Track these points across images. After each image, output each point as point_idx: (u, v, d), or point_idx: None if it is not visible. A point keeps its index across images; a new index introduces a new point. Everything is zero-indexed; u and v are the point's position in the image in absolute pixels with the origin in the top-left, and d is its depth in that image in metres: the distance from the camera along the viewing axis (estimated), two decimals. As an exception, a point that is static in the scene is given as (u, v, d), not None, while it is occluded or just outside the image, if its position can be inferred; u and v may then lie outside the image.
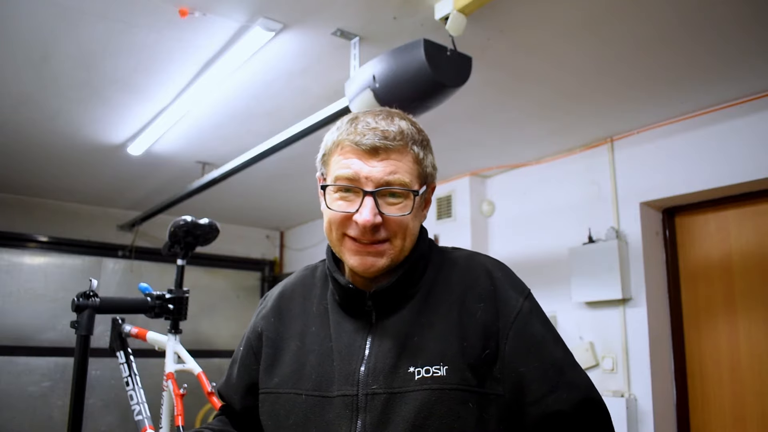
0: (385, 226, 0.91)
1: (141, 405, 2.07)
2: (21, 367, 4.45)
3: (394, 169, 0.91)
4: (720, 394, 2.91)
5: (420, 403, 0.86)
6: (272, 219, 5.60)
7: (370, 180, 0.90)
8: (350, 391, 0.90)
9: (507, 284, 0.96)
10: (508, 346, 0.90)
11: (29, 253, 4.68)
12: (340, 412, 0.90)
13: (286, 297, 1.08)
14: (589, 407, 0.90)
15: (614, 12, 2.08)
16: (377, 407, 0.88)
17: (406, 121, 0.96)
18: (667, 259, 3.19)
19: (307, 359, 0.97)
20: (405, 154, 0.93)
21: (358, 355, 0.93)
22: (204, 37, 2.31)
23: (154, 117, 3.09)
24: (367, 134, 0.91)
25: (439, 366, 0.88)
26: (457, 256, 1.03)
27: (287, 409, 0.95)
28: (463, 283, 0.96)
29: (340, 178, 0.92)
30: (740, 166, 2.74)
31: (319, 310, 1.01)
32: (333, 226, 0.94)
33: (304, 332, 1.00)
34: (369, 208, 0.89)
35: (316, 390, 0.93)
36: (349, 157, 0.92)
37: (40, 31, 2.27)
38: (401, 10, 2.11)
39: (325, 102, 2.66)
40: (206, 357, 5.18)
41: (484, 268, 0.99)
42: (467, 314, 0.93)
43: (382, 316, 0.95)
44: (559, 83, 2.66)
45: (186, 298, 2.21)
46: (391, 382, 0.89)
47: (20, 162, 3.86)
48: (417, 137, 0.95)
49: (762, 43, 2.27)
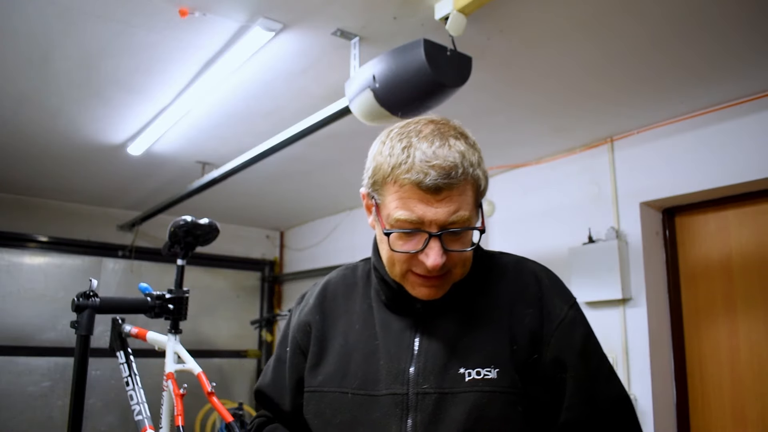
0: (448, 261, 0.90)
1: (141, 405, 2.07)
2: (21, 367, 4.45)
3: (457, 207, 0.87)
4: (720, 394, 2.91)
5: (471, 404, 0.87)
6: (272, 219, 5.60)
7: (435, 223, 0.87)
8: (400, 390, 0.90)
9: (554, 291, 0.98)
10: (549, 352, 0.92)
11: (29, 253, 4.68)
12: (388, 411, 0.90)
13: (328, 295, 1.07)
14: (621, 417, 0.93)
15: (614, 12, 2.08)
16: (428, 407, 0.88)
17: (462, 140, 0.90)
18: (667, 259, 3.19)
19: (351, 357, 0.97)
20: (466, 185, 0.89)
21: (406, 354, 0.93)
22: (204, 37, 2.31)
23: (154, 117, 3.09)
24: (429, 173, 0.85)
25: (489, 368, 0.90)
26: (506, 261, 1.04)
27: (333, 407, 0.95)
28: (512, 288, 0.98)
29: (402, 222, 0.88)
30: (740, 166, 2.74)
31: (363, 309, 1.02)
32: (397, 264, 0.92)
33: (348, 330, 1.00)
34: (436, 251, 0.87)
35: (362, 388, 0.93)
36: (410, 198, 0.87)
37: (40, 31, 2.27)
38: (401, 10, 2.11)
39: (325, 102, 2.66)
40: (206, 357, 5.19)
41: (533, 274, 1.00)
42: (516, 319, 0.94)
43: (430, 317, 0.96)
44: (559, 83, 2.66)
45: (186, 298, 2.21)
46: (441, 382, 0.89)
47: (20, 162, 3.86)
48: (474, 158, 0.90)
49: (762, 43, 2.26)
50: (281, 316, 5.02)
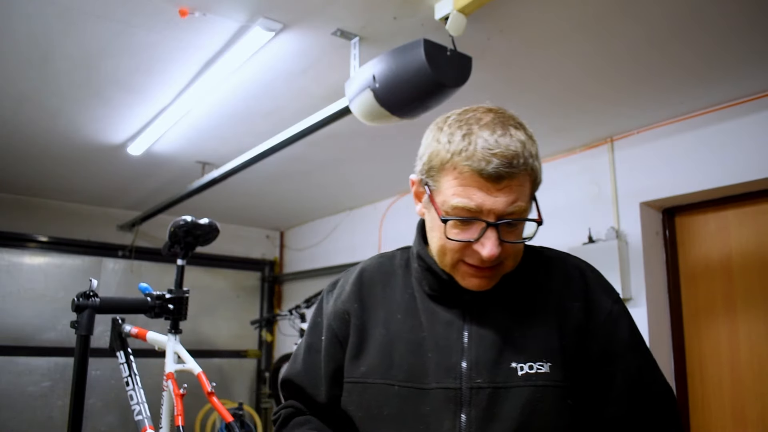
0: (503, 250, 0.89)
1: (141, 405, 2.07)
2: (21, 367, 4.45)
3: (516, 197, 0.86)
4: (720, 395, 2.91)
5: (525, 399, 0.87)
6: (272, 219, 5.61)
7: (493, 212, 0.85)
8: (453, 384, 0.89)
9: (599, 286, 0.99)
10: (596, 346, 0.93)
11: (29, 253, 4.68)
12: (440, 405, 0.89)
13: (365, 284, 1.04)
14: (666, 410, 0.94)
15: (614, 12, 2.08)
16: (482, 401, 0.88)
17: (522, 130, 0.89)
18: (667, 259, 3.19)
19: (394, 348, 0.95)
20: (525, 176, 0.88)
21: (457, 348, 0.91)
22: (204, 37, 2.31)
23: (154, 117, 3.09)
24: (491, 161, 0.83)
25: (542, 362, 0.90)
26: (552, 256, 1.04)
27: (379, 400, 0.93)
28: (559, 283, 0.98)
29: (460, 210, 0.86)
30: (740, 166, 2.74)
31: (403, 299, 0.99)
32: (449, 253, 0.91)
33: (389, 320, 0.98)
34: (493, 241, 0.86)
35: (408, 381, 0.91)
36: (469, 185, 0.85)
37: (40, 31, 2.27)
38: (401, 10, 2.11)
39: (325, 102, 2.66)
40: (206, 357, 5.19)
41: (578, 268, 1.01)
42: (564, 313, 0.94)
43: (478, 310, 0.95)
44: (559, 83, 2.66)
45: (186, 298, 2.21)
46: (494, 377, 0.89)
47: (20, 162, 3.86)
48: (533, 149, 0.89)
49: (761, 43, 2.26)
50: (281, 316, 5.02)
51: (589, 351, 0.93)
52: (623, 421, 0.92)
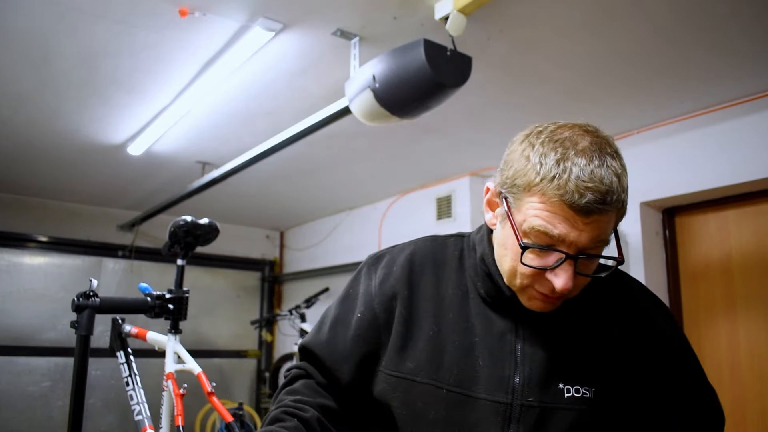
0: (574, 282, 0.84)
1: (141, 405, 2.07)
2: (21, 367, 4.45)
3: (599, 233, 0.81)
4: (720, 394, 2.89)
5: (569, 423, 0.86)
6: (272, 219, 5.61)
7: (575, 245, 0.80)
8: (504, 398, 0.87)
9: (658, 312, 0.97)
10: (662, 374, 0.94)
11: (29, 253, 4.68)
12: (488, 417, 0.87)
13: (416, 269, 0.97)
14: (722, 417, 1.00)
15: (614, 12, 2.08)
16: (531, 420, 0.86)
17: (617, 160, 0.82)
18: (667, 259, 3.19)
19: (444, 348, 0.91)
20: (615, 211, 0.82)
21: (509, 361, 0.89)
22: (204, 37, 2.31)
23: (154, 117, 3.09)
24: (585, 195, 0.77)
25: (588, 387, 0.88)
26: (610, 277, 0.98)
27: (426, 401, 0.90)
28: (615, 305, 0.95)
29: (541, 235, 0.81)
30: (740, 166, 2.74)
31: (456, 296, 0.94)
32: (519, 277, 0.86)
33: (440, 316, 0.93)
34: (569, 274, 0.81)
35: (458, 386, 0.89)
36: (556, 213, 0.79)
37: (40, 31, 2.27)
38: (401, 10, 2.11)
39: (325, 102, 2.66)
40: (206, 357, 5.19)
41: (637, 293, 0.99)
42: (618, 338, 0.92)
43: (531, 323, 0.91)
44: (559, 83, 2.66)
45: (186, 298, 2.21)
46: (544, 396, 0.87)
47: (20, 162, 3.86)
48: (625, 182, 0.83)
49: (762, 43, 2.27)
50: (281, 316, 5.02)
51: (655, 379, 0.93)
52: None
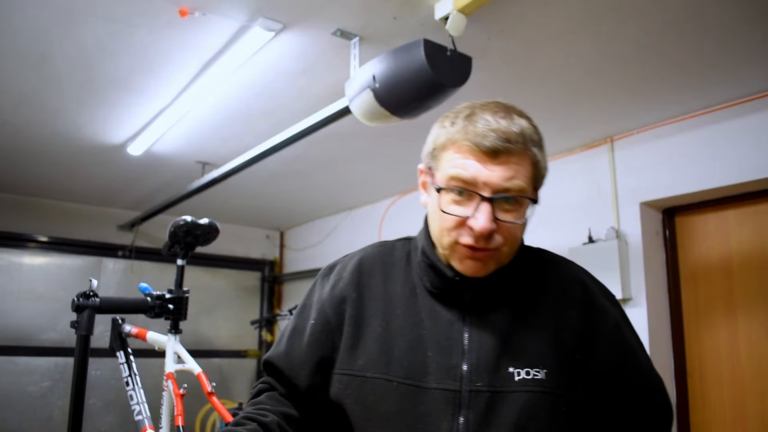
0: (498, 232, 0.88)
1: (141, 405, 2.07)
2: (21, 367, 4.45)
3: (513, 174, 0.87)
4: (720, 394, 2.91)
5: (522, 404, 0.87)
6: (272, 219, 5.60)
7: (488, 185, 0.86)
8: (452, 385, 0.89)
9: (599, 293, 1.00)
10: (603, 354, 0.94)
11: (29, 253, 4.68)
12: (438, 406, 0.88)
13: (364, 272, 1.02)
14: (667, 414, 0.98)
15: (614, 12, 2.08)
16: (481, 405, 0.88)
17: (525, 119, 0.92)
18: (667, 259, 3.19)
19: (394, 343, 0.93)
20: (524, 156, 0.89)
21: (457, 349, 0.91)
22: (204, 37, 2.31)
23: (154, 117, 3.09)
24: (489, 135, 0.86)
25: (539, 369, 0.90)
26: (550, 259, 1.03)
27: (377, 395, 0.91)
28: (558, 288, 0.98)
29: (456, 179, 0.88)
30: (740, 166, 2.74)
31: (404, 293, 0.98)
32: (445, 231, 0.91)
33: (389, 313, 0.96)
34: (486, 214, 0.86)
35: (408, 378, 0.90)
36: (467, 157, 0.88)
37: (40, 31, 2.27)
38: (401, 10, 2.11)
39: (325, 102, 2.66)
40: (206, 357, 5.19)
41: (577, 274, 1.02)
42: (562, 319, 0.94)
43: (478, 311, 0.94)
44: (559, 83, 2.66)
45: (186, 298, 2.21)
46: (493, 381, 0.89)
47: (20, 162, 3.86)
48: (535, 137, 0.92)
49: (761, 43, 2.26)
50: (281, 316, 5.02)
51: (594, 358, 0.93)
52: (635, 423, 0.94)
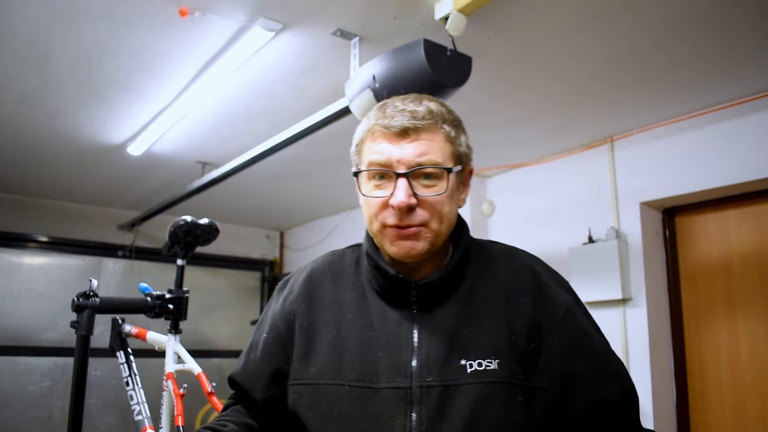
0: (421, 207, 0.90)
1: (141, 405, 2.08)
2: (21, 367, 4.45)
3: (425, 150, 0.90)
4: (720, 394, 2.91)
5: (474, 396, 0.87)
6: (272, 219, 5.60)
7: (402, 162, 0.89)
8: (403, 383, 0.89)
9: (550, 279, 0.99)
10: (557, 340, 0.93)
11: (29, 253, 4.68)
12: (390, 405, 0.88)
13: (314, 283, 1.03)
14: (629, 396, 0.95)
15: (614, 12, 2.08)
16: (432, 400, 0.87)
17: (435, 103, 0.95)
18: (667, 259, 3.19)
19: (345, 348, 0.94)
20: (435, 132, 0.91)
21: (407, 347, 0.91)
22: (204, 37, 2.31)
23: (154, 117, 3.09)
24: (396, 116, 0.90)
25: (491, 359, 0.89)
26: (498, 250, 1.04)
27: (330, 401, 0.91)
28: (507, 278, 0.97)
29: (373, 164, 0.91)
30: (740, 166, 2.74)
31: (354, 298, 0.99)
32: (372, 216, 0.93)
33: (340, 320, 0.97)
34: (402, 189, 0.88)
35: (359, 381, 0.91)
36: (380, 142, 0.92)
37: (40, 31, 2.27)
38: (401, 10, 2.11)
39: (325, 102, 2.66)
40: (206, 357, 5.18)
41: (527, 262, 1.01)
42: (513, 308, 0.94)
43: (426, 307, 0.94)
44: (559, 83, 2.66)
45: (186, 298, 2.21)
46: (444, 375, 0.89)
47: (20, 162, 3.86)
48: (447, 116, 0.94)
49: (761, 43, 2.26)
50: (281, 316, 5.03)
51: (547, 346, 0.92)
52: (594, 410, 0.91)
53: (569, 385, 0.91)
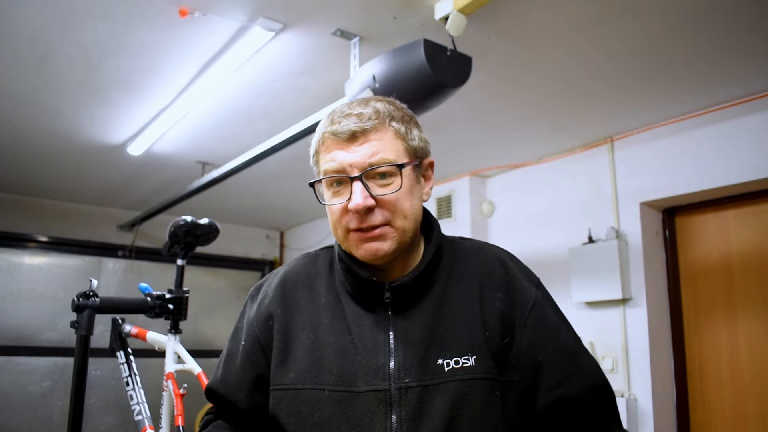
0: (381, 207, 0.90)
1: (141, 405, 2.08)
2: (21, 367, 4.45)
3: (375, 150, 0.90)
4: (720, 394, 2.91)
5: (454, 393, 0.88)
6: (272, 219, 5.61)
7: (354, 166, 0.90)
8: (382, 385, 0.89)
9: (520, 274, 1.00)
10: (525, 335, 0.94)
11: (29, 253, 4.68)
12: (370, 408, 0.88)
13: (288, 287, 1.03)
14: (599, 391, 0.94)
15: (614, 13, 2.08)
16: (412, 401, 0.88)
17: (383, 102, 0.95)
18: (667, 259, 3.19)
19: (323, 353, 0.94)
20: (384, 131, 0.92)
21: (384, 349, 0.92)
22: (204, 37, 2.31)
23: (154, 117, 3.09)
24: (343, 122, 0.91)
25: (467, 356, 0.90)
26: (469, 247, 1.04)
27: (310, 405, 0.91)
28: (479, 274, 0.98)
29: (327, 172, 0.92)
30: (740, 166, 2.74)
31: (329, 301, 0.98)
32: (336, 222, 0.94)
33: (316, 323, 0.97)
34: (358, 192, 0.89)
35: (339, 385, 0.91)
36: (332, 150, 0.92)
37: (40, 31, 2.27)
38: (401, 10, 2.11)
39: (325, 102, 2.66)
40: (206, 357, 5.16)
41: (497, 258, 1.02)
42: (486, 304, 0.95)
43: (401, 309, 0.95)
44: (559, 83, 2.66)
45: (186, 298, 2.21)
46: (422, 375, 0.89)
47: (20, 162, 3.86)
48: (396, 114, 0.94)
49: (761, 44, 2.27)
50: (281, 316, 5.03)
51: (517, 341, 0.93)
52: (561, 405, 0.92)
53: (536, 379, 0.93)
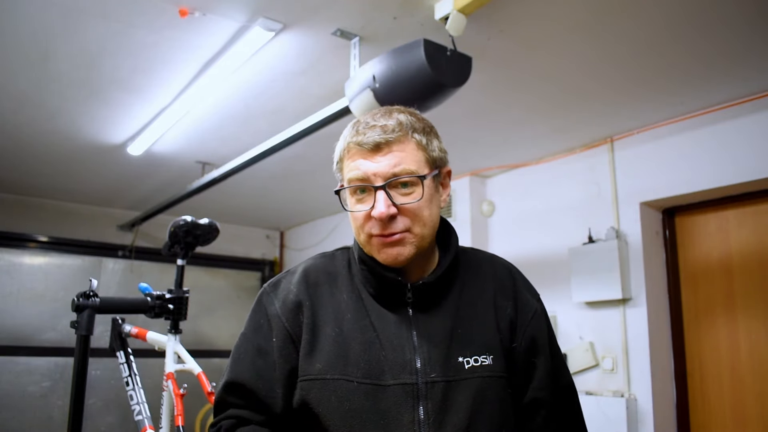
0: (402, 215, 0.96)
1: (141, 405, 2.08)
2: (21, 367, 4.45)
3: (398, 161, 0.95)
4: (720, 394, 2.91)
5: (475, 390, 0.96)
6: (272, 219, 5.61)
7: (378, 176, 0.95)
8: (409, 379, 0.95)
9: (524, 287, 1.11)
10: (524, 341, 1.04)
11: (29, 253, 4.68)
12: (398, 400, 0.94)
13: (311, 283, 1.05)
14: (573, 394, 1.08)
15: (614, 12, 2.08)
16: (437, 395, 0.94)
17: (405, 114, 1.00)
18: (667, 259, 3.19)
19: (349, 346, 0.98)
20: (407, 143, 0.97)
21: (408, 346, 0.97)
22: (204, 37, 2.31)
23: (154, 117, 3.09)
24: (368, 133, 0.96)
25: (486, 355, 0.99)
26: (481, 257, 1.13)
27: (340, 395, 0.94)
28: (492, 282, 1.08)
29: (352, 180, 0.98)
30: (740, 166, 2.74)
31: (351, 299, 1.03)
32: (359, 228, 1.00)
33: (340, 319, 1.01)
34: (381, 201, 0.94)
35: (367, 378, 0.95)
36: (356, 159, 0.97)
37: (40, 31, 2.27)
38: (401, 10, 2.11)
39: (325, 102, 2.66)
40: (206, 357, 5.18)
41: (507, 269, 1.12)
42: (499, 310, 1.04)
43: (422, 309, 1.01)
44: (559, 83, 2.66)
45: (186, 298, 2.21)
46: (446, 371, 0.96)
47: (20, 162, 3.86)
48: (417, 125, 0.99)
49: (760, 44, 2.27)
50: (281, 316, 5.02)
51: (519, 345, 1.03)
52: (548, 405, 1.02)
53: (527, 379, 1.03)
